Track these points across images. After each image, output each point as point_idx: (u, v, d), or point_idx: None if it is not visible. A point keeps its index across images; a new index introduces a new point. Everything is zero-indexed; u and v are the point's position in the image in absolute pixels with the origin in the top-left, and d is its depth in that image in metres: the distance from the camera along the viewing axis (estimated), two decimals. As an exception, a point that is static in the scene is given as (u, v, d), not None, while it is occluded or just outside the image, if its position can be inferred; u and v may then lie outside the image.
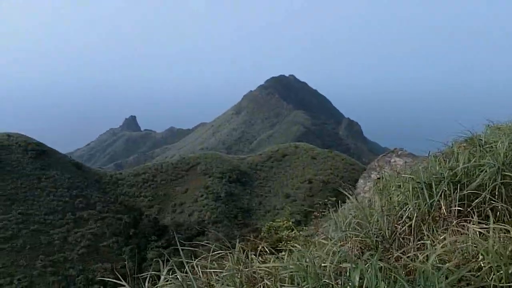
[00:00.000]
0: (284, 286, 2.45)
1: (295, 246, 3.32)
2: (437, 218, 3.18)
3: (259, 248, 3.36)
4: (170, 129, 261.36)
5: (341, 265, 2.56)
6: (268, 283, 2.53)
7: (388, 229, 3.14)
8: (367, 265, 2.28)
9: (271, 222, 10.08)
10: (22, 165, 53.14)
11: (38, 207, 47.29)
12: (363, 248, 3.07)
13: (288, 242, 5.83)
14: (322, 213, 7.85)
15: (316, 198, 58.63)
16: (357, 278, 2.18)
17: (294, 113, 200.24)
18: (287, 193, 63.78)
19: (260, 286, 2.56)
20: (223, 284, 2.62)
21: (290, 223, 9.75)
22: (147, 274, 2.73)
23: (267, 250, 3.44)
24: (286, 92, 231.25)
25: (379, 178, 5.35)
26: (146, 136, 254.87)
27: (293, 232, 8.85)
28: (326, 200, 9.03)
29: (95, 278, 36.84)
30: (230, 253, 3.00)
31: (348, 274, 2.32)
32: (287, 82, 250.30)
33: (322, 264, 2.59)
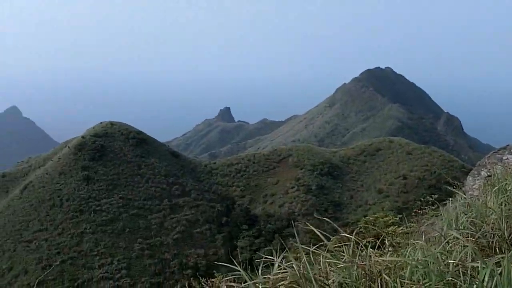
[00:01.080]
0: (405, 282, 2.29)
1: (402, 242, 3.05)
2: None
3: (364, 242, 3.16)
4: (262, 121, 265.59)
5: (465, 263, 2.38)
6: (387, 278, 2.36)
7: (507, 230, 2.87)
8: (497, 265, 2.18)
9: (375, 215, 9.87)
10: (124, 152, 57.51)
11: (138, 192, 50.91)
12: (477, 248, 2.84)
13: (394, 237, 5.48)
14: (424, 210, 7.52)
15: (411, 195, 56.29)
16: (487, 278, 2.09)
17: (389, 106, 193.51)
18: (379, 188, 61.97)
19: (378, 281, 2.40)
20: (339, 275, 2.46)
21: (396, 218, 9.45)
22: (260, 260, 2.63)
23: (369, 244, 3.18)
24: (382, 85, 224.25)
25: (489, 176, 5.01)
26: (239, 127, 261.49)
27: (400, 228, 8.55)
28: (428, 197, 8.66)
29: (189, 262, 38.97)
30: (345, 245, 2.81)
31: (476, 273, 2.22)
32: (382, 74, 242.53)
33: (446, 262, 2.43)
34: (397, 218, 9.17)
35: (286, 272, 2.43)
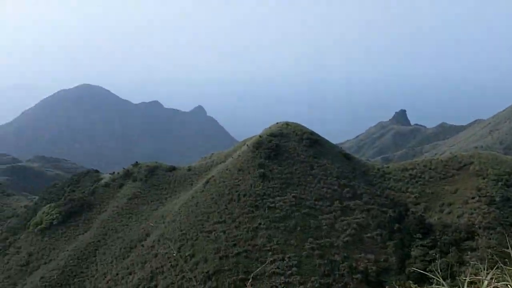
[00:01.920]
0: None
1: None
2: None
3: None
4: (441, 125, 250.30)
5: None
6: None
7: None
8: None
9: None
10: (297, 152, 60.07)
11: (309, 192, 52.69)
12: None
13: None
14: None
15: None
16: None
17: None
18: None
19: None
20: None
21: None
22: (467, 278, 2.34)
23: None
24: None
25: None
26: (415, 131, 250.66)
27: None
28: None
29: (359, 266, 39.10)
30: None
31: None
32: None
33: None
34: None
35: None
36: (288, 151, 60.09)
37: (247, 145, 64.65)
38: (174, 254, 49.14)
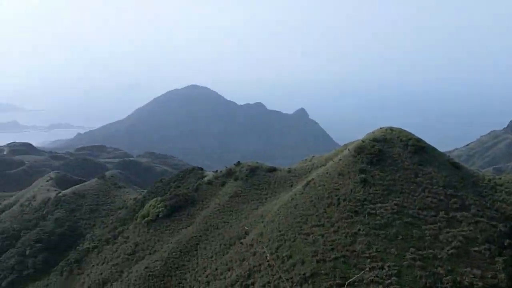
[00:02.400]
0: None
1: None
2: None
3: None
4: None
5: None
6: None
7: None
8: None
9: None
10: (401, 159, 58.58)
11: (413, 201, 51.19)
12: None
13: None
14: None
15: None
16: None
17: None
18: None
19: None
20: None
21: None
22: None
23: None
24: None
25: None
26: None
27: None
28: None
29: (463, 281, 37.38)
30: None
31: None
32: None
33: None
34: None
35: None
36: (392, 157, 58.84)
37: (349, 149, 64.29)
38: (267, 258, 50.42)
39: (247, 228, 62.79)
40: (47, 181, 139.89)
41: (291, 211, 57.27)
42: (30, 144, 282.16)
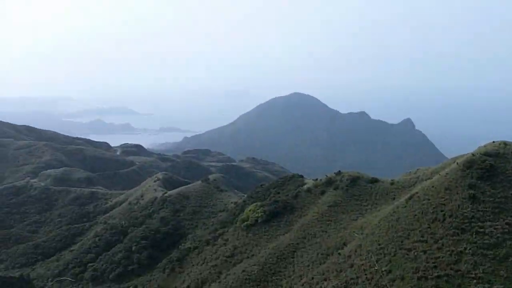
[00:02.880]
0: None
1: None
2: None
3: None
4: None
5: None
6: None
7: None
8: None
9: None
10: (517, 175, 54.86)
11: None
12: None
13: None
14: None
15: None
16: None
17: None
18: None
19: None
20: None
21: None
22: None
23: None
24: None
25: None
26: None
27: None
28: None
29: None
30: None
31: None
32: None
33: None
34: None
35: None
36: (504, 173, 55.15)
37: (457, 163, 61.37)
38: (375, 268, 49.76)
39: (356, 234, 62.40)
40: (155, 181, 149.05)
41: (392, 225, 56.05)
42: (141, 146, 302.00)
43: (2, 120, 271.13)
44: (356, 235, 62.44)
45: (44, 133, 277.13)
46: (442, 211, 52.38)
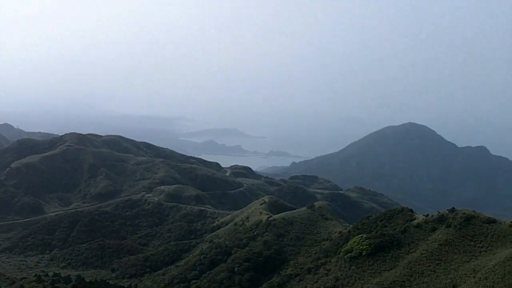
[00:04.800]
0: None
1: None
2: None
3: None
4: None
5: None
6: None
7: None
8: None
9: None
10: None
11: None
12: None
13: None
14: None
15: None
16: None
17: None
18: None
19: None
20: None
21: None
22: None
23: None
24: None
25: None
26: None
27: None
28: None
29: None
30: None
31: None
32: None
33: None
34: None
35: None
36: None
37: None
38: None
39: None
40: (261, 204, 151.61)
41: (509, 270, 52.03)
42: (250, 168, 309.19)
43: (125, 136, 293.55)
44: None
45: (162, 151, 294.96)
46: None
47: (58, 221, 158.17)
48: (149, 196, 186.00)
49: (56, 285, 74.09)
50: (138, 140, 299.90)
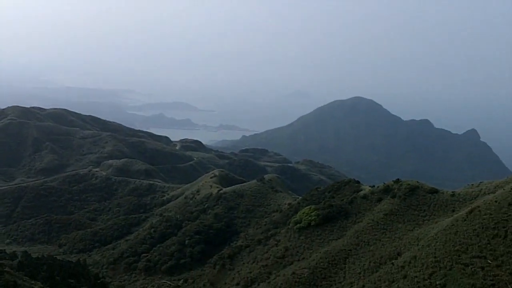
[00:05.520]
0: None
1: None
2: None
3: None
4: None
5: None
6: None
7: None
8: None
9: None
10: None
11: None
12: None
13: None
14: None
15: None
16: None
17: None
18: None
19: None
20: None
21: None
22: None
23: None
24: None
25: None
26: None
27: None
28: None
29: None
30: None
31: None
32: None
33: None
34: None
35: None
36: None
37: (525, 177, 58.81)
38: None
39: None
40: (211, 177, 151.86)
41: (450, 238, 54.46)
42: (200, 142, 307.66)
43: (70, 110, 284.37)
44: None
45: (109, 124, 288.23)
46: (504, 227, 50.37)
47: (2, 197, 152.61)
48: (96, 171, 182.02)
49: (1, 261, 71.56)
50: (83, 113, 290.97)
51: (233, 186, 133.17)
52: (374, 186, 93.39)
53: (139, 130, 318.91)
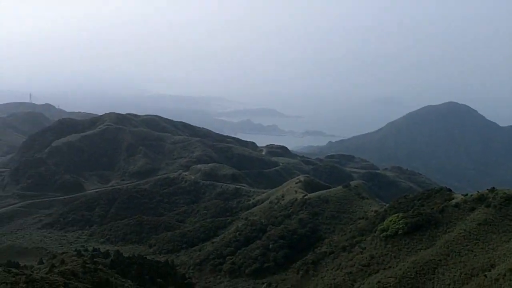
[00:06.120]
0: None
1: None
2: None
3: None
4: None
5: None
6: None
7: None
8: None
9: None
10: None
11: None
12: None
13: None
14: None
15: None
16: None
17: None
18: None
19: None
20: None
21: None
22: None
23: None
24: None
25: None
26: None
27: None
28: None
29: None
30: None
31: None
32: None
33: None
34: None
35: None
36: None
37: None
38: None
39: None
40: (296, 183, 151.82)
41: None
42: (286, 148, 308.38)
43: (163, 116, 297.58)
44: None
45: (198, 130, 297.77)
46: None
47: (98, 198, 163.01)
48: (186, 174, 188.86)
49: (95, 259, 76.49)
50: (175, 120, 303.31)
51: (318, 192, 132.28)
52: (467, 194, 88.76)
53: (227, 136, 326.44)
